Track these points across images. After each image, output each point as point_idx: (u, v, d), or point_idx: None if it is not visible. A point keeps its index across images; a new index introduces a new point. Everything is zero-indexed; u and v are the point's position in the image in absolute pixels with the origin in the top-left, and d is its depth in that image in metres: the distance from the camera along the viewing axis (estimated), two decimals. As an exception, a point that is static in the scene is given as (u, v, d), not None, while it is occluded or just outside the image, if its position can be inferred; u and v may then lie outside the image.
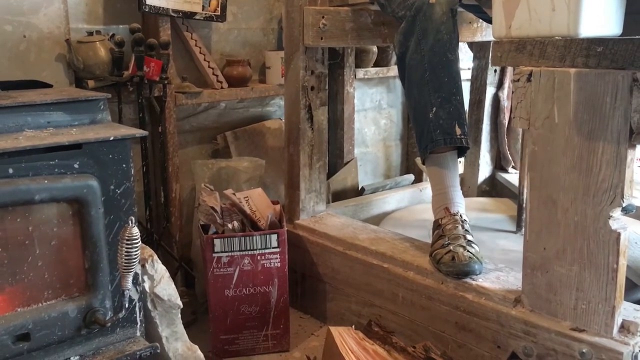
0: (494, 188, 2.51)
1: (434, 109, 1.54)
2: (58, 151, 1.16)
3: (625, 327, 1.22)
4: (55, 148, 1.16)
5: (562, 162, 1.23)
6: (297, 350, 1.70)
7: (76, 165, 1.19)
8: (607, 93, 1.14)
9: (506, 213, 2.17)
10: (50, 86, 1.55)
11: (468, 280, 1.44)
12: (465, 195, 2.49)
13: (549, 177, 1.25)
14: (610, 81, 1.13)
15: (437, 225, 1.59)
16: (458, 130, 1.53)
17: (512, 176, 2.43)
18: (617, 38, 1.14)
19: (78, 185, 1.19)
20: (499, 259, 1.60)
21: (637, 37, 1.09)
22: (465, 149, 1.58)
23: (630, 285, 1.44)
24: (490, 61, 1.46)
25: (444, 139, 1.54)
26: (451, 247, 1.47)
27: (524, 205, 1.77)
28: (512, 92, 1.30)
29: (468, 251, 1.46)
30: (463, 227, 1.53)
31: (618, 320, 1.21)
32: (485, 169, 2.48)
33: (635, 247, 1.58)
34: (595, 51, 1.14)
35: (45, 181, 1.15)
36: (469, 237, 1.51)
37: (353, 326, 1.53)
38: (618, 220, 1.18)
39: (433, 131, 1.55)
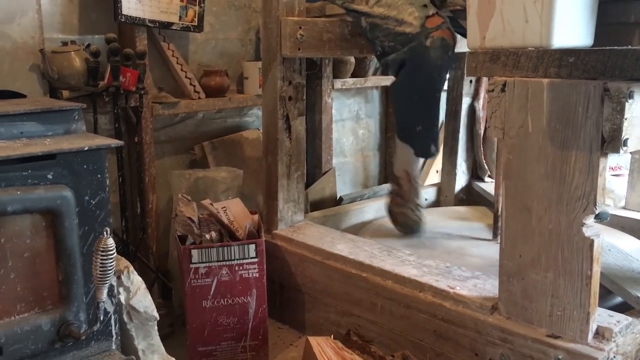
0: (470, 197, 2.53)
1: (419, 127, 1.79)
2: (31, 162, 1.15)
3: (600, 333, 1.23)
4: (28, 158, 1.14)
5: (536, 170, 1.24)
6: (275, 361, 1.69)
7: (50, 176, 1.17)
8: (579, 103, 1.16)
9: (483, 221, 2.19)
10: (23, 96, 1.53)
11: (446, 288, 1.45)
12: (443, 204, 2.52)
13: (524, 186, 1.27)
14: (582, 91, 1.15)
15: (396, 182, 1.97)
16: (432, 149, 1.84)
17: (488, 185, 2.46)
18: (589, 49, 1.16)
19: (52, 196, 1.17)
20: (475, 267, 1.61)
21: (607, 47, 1.12)
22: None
23: (605, 292, 1.46)
24: (465, 72, 1.51)
25: (422, 154, 1.88)
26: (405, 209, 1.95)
27: (500, 213, 1.79)
28: (487, 102, 1.32)
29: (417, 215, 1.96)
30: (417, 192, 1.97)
31: (593, 327, 1.22)
32: (462, 178, 2.51)
33: (609, 254, 1.60)
34: (568, 61, 1.16)
35: (18, 192, 1.13)
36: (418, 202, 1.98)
37: (332, 336, 1.53)
38: (591, 228, 1.20)
39: (415, 144, 1.83)
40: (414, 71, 1.69)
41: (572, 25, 1.20)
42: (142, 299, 1.37)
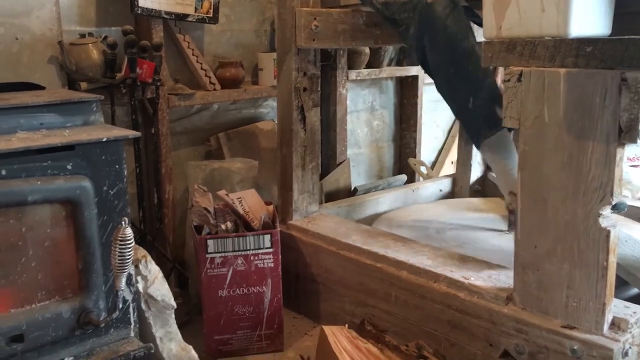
0: (485, 188, 2.52)
1: (471, 98, 1.58)
2: (51, 152, 1.17)
3: (615, 324, 1.23)
4: (48, 149, 1.16)
5: (552, 161, 1.24)
6: (290, 350, 1.71)
7: (69, 167, 1.19)
8: (596, 93, 1.15)
9: (498, 212, 2.18)
10: (42, 88, 1.55)
11: (460, 278, 1.45)
12: (458, 195, 2.51)
13: (540, 177, 1.26)
14: (599, 81, 1.15)
15: (510, 212, 1.71)
16: (499, 112, 1.51)
17: (503, 176, 2.44)
18: (606, 38, 1.15)
19: (71, 187, 1.19)
20: (491, 258, 1.61)
21: (625, 37, 1.11)
22: None
23: (620, 283, 1.46)
24: (481, 62, 1.49)
25: (489, 125, 1.58)
26: None
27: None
28: (503, 92, 1.31)
29: None
30: None
31: (608, 317, 1.22)
32: (477, 169, 2.50)
33: (625, 245, 1.59)
34: (585, 51, 1.15)
35: (38, 182, 1.15)
36: None
37: (346, 325, 1.53)
38: (608, 218, 1.19)
39: (476, 120, 1.61)
40: (431, 36, 1.59)
41: (589, 14, 1.19)
42: (160, 288, 1.39)
